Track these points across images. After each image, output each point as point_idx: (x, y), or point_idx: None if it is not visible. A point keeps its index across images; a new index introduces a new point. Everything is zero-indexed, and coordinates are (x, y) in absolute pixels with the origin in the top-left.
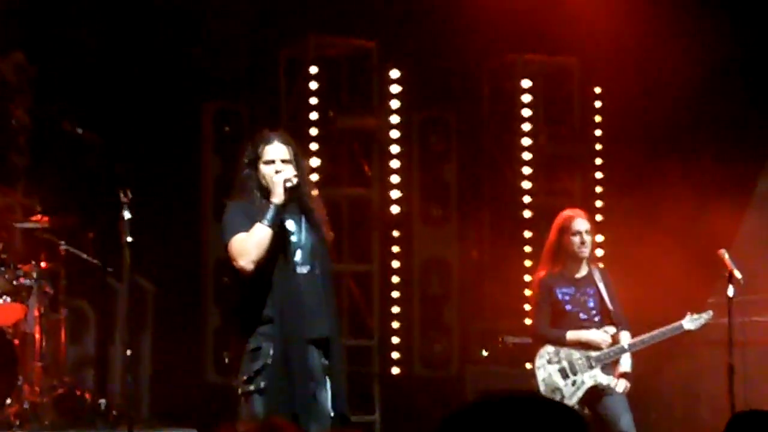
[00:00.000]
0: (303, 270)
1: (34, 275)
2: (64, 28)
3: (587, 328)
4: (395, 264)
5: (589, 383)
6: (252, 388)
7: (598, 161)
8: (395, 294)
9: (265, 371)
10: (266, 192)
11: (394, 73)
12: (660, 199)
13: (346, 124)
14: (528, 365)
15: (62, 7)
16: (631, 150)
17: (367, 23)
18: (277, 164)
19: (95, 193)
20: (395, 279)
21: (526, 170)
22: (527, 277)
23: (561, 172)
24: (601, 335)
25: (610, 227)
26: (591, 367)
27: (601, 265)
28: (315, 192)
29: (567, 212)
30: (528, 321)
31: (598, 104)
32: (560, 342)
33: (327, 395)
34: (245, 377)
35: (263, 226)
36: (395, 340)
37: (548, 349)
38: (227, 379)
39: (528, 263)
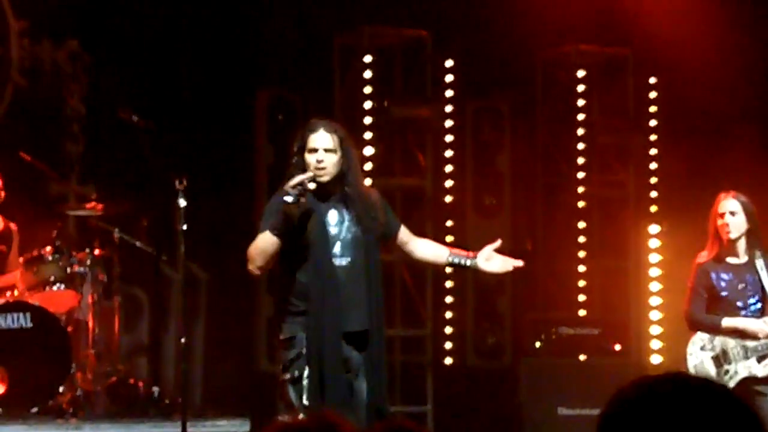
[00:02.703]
0: (342, 262)
1: (88, 263)
2: (119, 15)
3: (744, 316)
4: None
5: (743, 374)
6: (287, 376)
7: (653, 151)
8: (449, 284)
9: (299, 361)
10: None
11: (448, 63)
12: (716, 189)
13: (400, 114)
14: (582, 356)
15: None
16: (687, 140)
17: (422, 13)
18: (319, 153)
19: (150, 180)
20: (448, 269)
21: (580, 160)
22: (581, 268)
23: (615, 163)
24: (759, 324)
25: (666, 218)
26: (746, 357)
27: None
28: (367, 181)
29: (721, 193)
30: (582, 312)
31: (653, 95)
32: (715, 329)
33: (364, 387)
34: (281, 365)
35: (269, 235)
36: (448, 330)
37: (702, 336)
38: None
39: (582, 254)
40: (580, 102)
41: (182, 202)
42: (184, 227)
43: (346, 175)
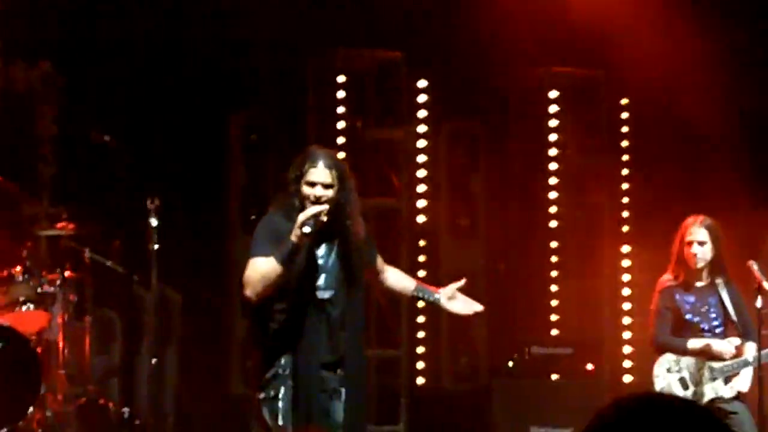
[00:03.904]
0: (325, 295)
1: (59, 283)
2: (92, 37)
3: (708, 338)
4: (422, 274)
5: (709, 395)
6: (263, 395)
7: (625, 172)
8: (421, 304)
9: (276, 380)
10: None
11: (422, 84)
12: (689, 210)
13: (374, 135)
14: (554, 376)
15: (90, 16)
16: (660, 161)
17: (395, 34)
18: (317, 189)
19: (122, 200)
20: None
21: (553, 181)
22: (554, 288)
23: (588, 183)
24: (724, 345)
25: (638, 238)
26: (713, 379)
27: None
28: (358, 213)
29: (689, 219)
30: (555, 331)
31: (625, 115)
32: (681, 351)
33: (340, 407)
34: (257, 384)
35: (274, 263)
36: (421, 350)
37: (668, 358)
38: (252, 390)
39: (554, 273)
40: (553, 123)
41: (154, 222)
42: (156, 247)
43: (341, 209)
